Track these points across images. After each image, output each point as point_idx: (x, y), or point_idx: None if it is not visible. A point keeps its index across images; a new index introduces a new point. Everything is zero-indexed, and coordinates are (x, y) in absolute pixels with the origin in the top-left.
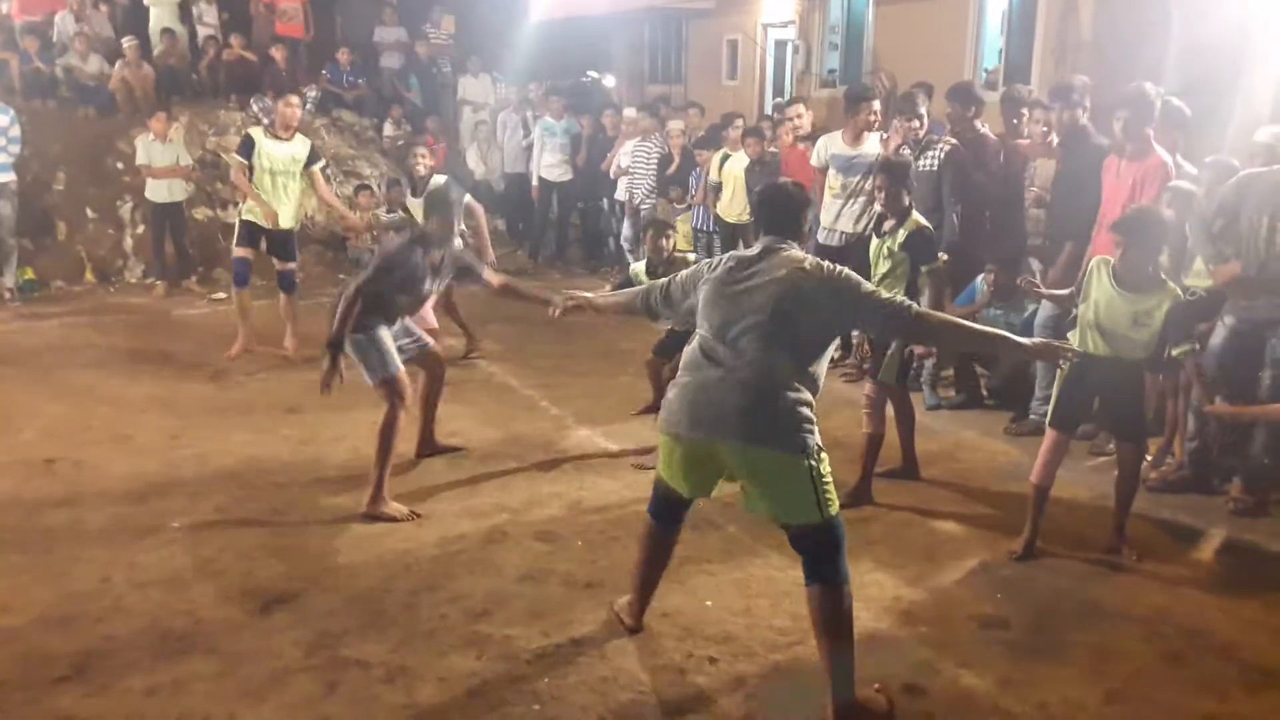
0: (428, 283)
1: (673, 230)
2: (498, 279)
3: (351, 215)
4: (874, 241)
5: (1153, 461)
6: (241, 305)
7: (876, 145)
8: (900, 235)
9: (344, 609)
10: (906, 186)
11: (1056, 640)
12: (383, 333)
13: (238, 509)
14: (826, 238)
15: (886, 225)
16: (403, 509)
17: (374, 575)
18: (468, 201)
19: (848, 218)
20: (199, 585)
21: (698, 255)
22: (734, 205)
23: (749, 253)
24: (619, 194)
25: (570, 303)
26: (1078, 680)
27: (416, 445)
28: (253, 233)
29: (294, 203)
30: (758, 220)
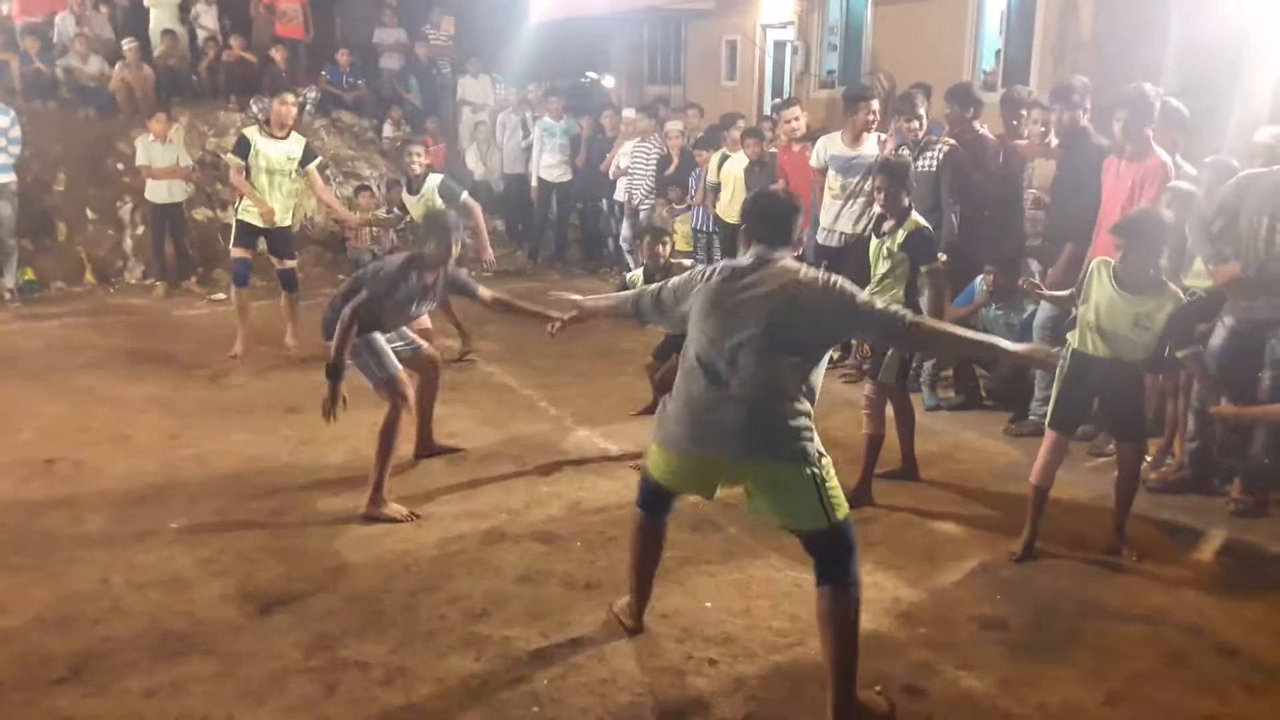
0: (418, 305)
1: (669, 237)
2: (491, 295)
3: (348, 213)
4: (874, 242)
5: (1153, 462)
6: (241, 305)
7: (875, 146)
8: (900, 235)
9: (343, 610)
10: (906, 187)
11: (1056, 641)
12: (376, 336)
13: (237, 510)
14: (826, 238)
15: (886, 225)
16: (402, 510)
17: (373, 576)
18: (465, 200)
19: (847, 218)
20: (198, 586)
21: (697, 259)
22: (733, 206)
23: (742, 263)
24: (618, 195)
25: (568, 315)
26: (1078, 681)
27: (415, 446)
28: (250, 232)
29: (290, 201)
30: (746, 229)
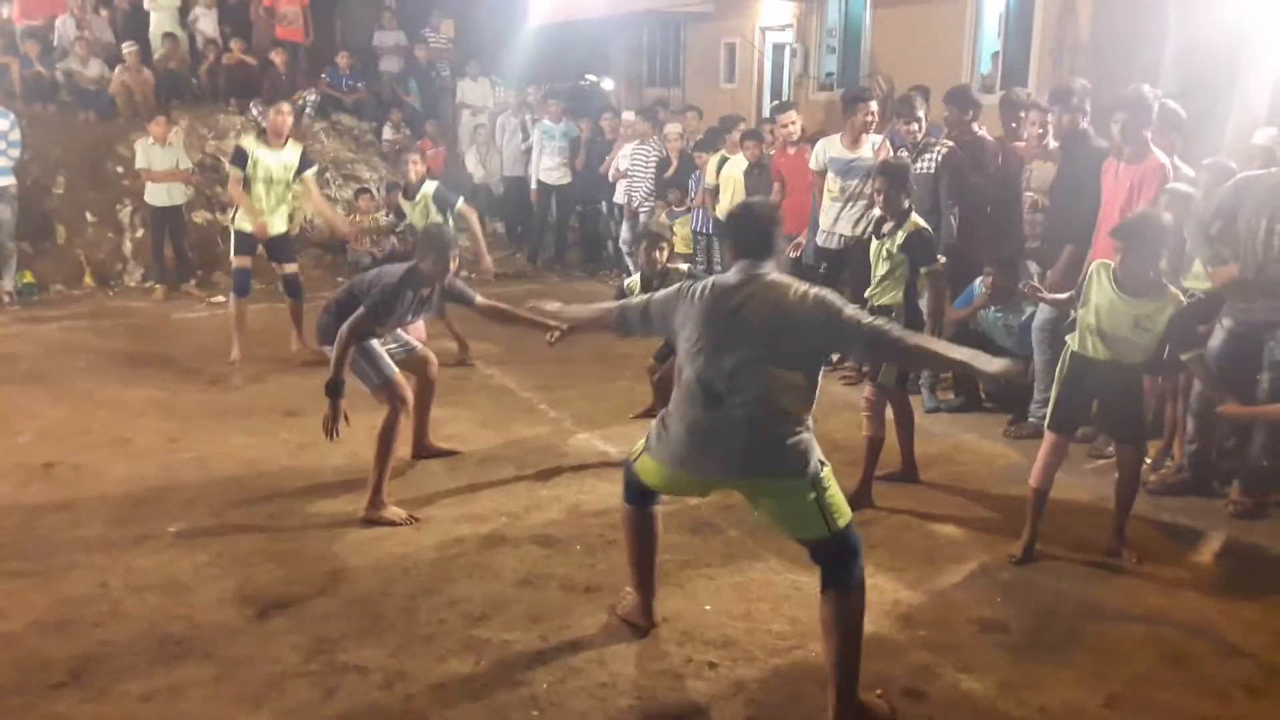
0: (414, 315)
1: (666, 242)
2: (487, 303)
3: (341, 222)
4: (873, 243)
5: (1152, 464)
6: (239, 314)
7: (872, 151)
8: (899, 237)
9: (342, 613)
10: (905, 189)
11: (1057, 643)
12: (371, 343)
13: (236, 513)
14: (825, 240)
15: (886, 227)
16: (401, 513)
17: (372, 579)
18: (461, 207)
19: (846, 221)
20: (197, 590)
21: (697, 261)
22: None
23: (729, 280)
24: (617, 197)
25: (565, 326)
26: (1078, 683)
27: (412, 448)
28: (249, 240)
29: (288, 208)
30: (728, 243)
